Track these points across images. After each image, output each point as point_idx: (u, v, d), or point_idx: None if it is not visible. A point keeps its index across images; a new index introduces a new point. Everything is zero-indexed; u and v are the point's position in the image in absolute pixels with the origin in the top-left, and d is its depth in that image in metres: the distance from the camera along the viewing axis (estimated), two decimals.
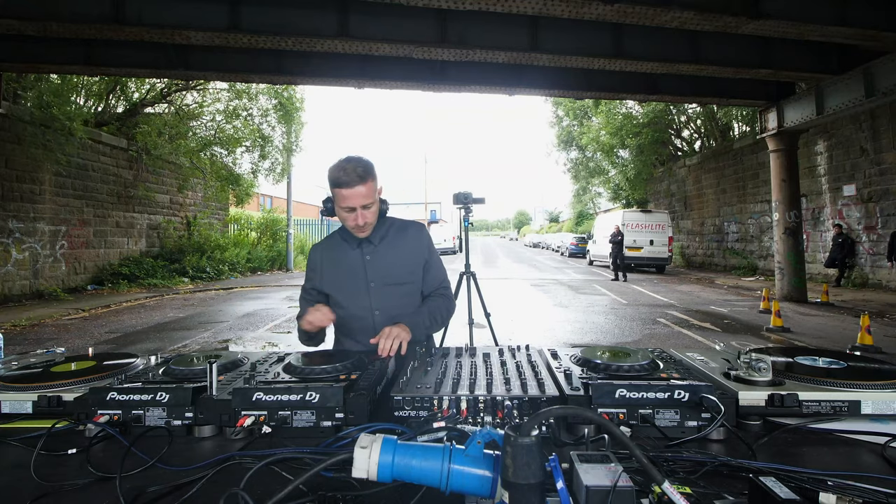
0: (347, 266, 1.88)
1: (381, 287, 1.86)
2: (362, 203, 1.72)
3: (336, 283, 1.90)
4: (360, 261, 1.87)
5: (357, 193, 1.70)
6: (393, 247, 1.89)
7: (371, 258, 1.87)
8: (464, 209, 4.69)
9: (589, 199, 36.12)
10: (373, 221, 1.81)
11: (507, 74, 9.77)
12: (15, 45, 8.49)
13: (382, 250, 1.88)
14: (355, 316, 1.87)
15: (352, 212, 1.74)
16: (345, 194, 1.70)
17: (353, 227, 1.80)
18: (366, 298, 1.86)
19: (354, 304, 1.87)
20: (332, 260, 1.92)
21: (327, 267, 1.92)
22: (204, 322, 8.95)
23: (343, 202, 1.72)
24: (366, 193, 1.71)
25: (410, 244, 1.91)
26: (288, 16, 7.48)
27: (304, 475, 0.76)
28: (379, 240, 1.88)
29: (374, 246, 1.87)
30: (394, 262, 1.88)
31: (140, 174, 14.84)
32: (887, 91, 8.51)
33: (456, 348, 1.57)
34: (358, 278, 1.87)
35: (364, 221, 1.75)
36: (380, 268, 1.86)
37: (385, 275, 1.86)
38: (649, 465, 0.67)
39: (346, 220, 1.78)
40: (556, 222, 71.89)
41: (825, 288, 10.93)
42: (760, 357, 1.23)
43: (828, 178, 13.86)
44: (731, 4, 6.82)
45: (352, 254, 1.89)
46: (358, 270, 1.87)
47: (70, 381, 1.31)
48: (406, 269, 1.89)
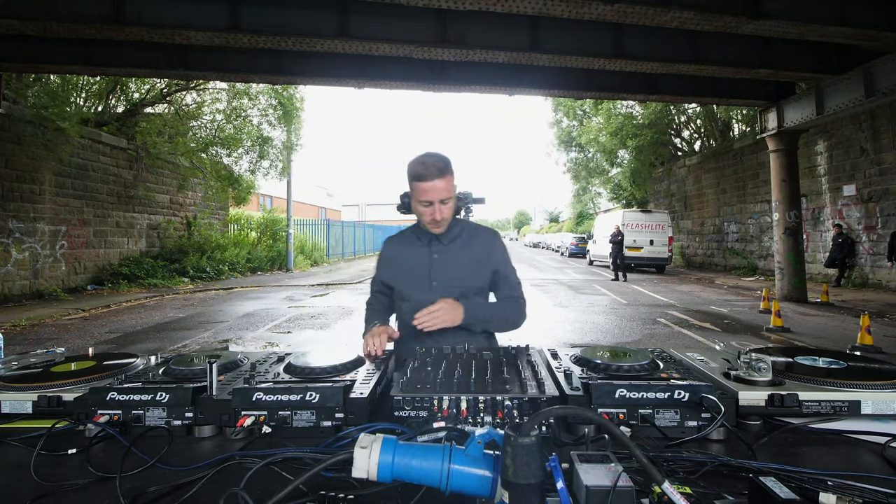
0: (414, 262, 1.89)
1: (444, 288, 1.83)
2: (440, 197, 1.72)
3: (401, 277, 1.92)
4: (427, 259, 1.87)
5: (436, 187, 1.70)
6: (462, 249, 1.87)
7: (438, 257, 1.86)
8: (464, 209, 4.70)
9: (589, 199, 36.12)
10: (449, 217, 1.80)
11: (507, 74, 9.77)
12: (15, 45, 8.49)
13: (452, 251, 1.87)
14: (415, 312, 1.84)
15: (429, 206, 1.74)
16: (424, 188, 1.71)
17: (429, 222, 1.79)
18: (427, 295, 1.83)
19: (416, 299, 1.86)
20: (402, 254, 1.93)
21: (396, 261, 1.94)
22: (204, 322, 8.95)
23: (422, 196, 1.73)
24: (444, 188, 1.72)
25: (480, 249, 1.89)
26: (288, 16, 7.48)
27: (304, 475, 0.76)
28: (449, 240, 1.87)
29: (443, 245, 1.87)
30: (460, 265, 1.86)
31: (140, 174, 14.83)
32: (887, 91, 8.51)
33: (456, 348, 1.57)
34: (422, 276, 1.87)
35: (441, 216, 1.75)
36: (445, 268, 1.85)
37: (450, 276, 1.85)
38: (649, 465, 0.67)
39: (424, 214, 1.78)
40: (556, 222, 71.87)
41: (825, 288, 10.93)
42: (760, 357, 1.23)
43: (828, 178, 13.86)
44: (731, 4, 6.82)
45: (421, 250, 1.89)
46: (423, 268, 1.87)
47: (70, 381, 1.31)
48: (471, 274, 1.86)
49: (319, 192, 50.52)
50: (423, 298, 1.84)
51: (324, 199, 51.68)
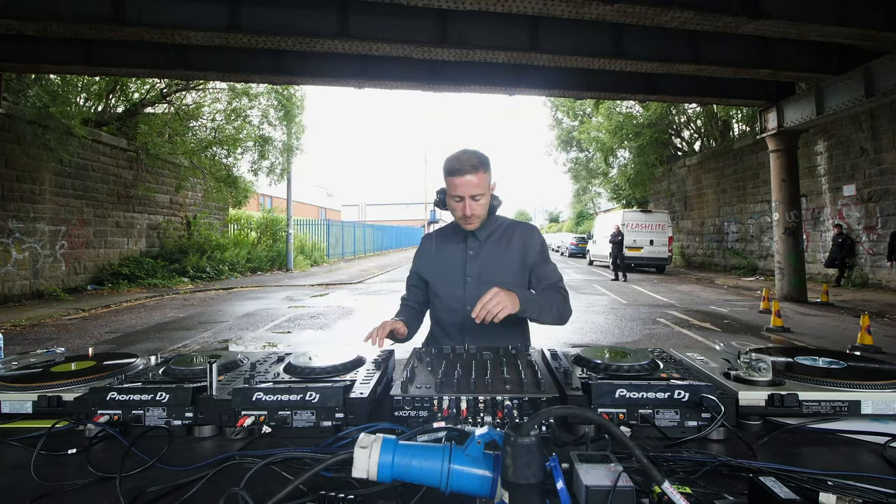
0: (449, 257, 1.90)
1: (478, 283, 1.82)
2: (472, 193, 1.71)
3: (436, 271, 1.92)
4: (462, 254, 1.88)
5: (468, 182, 1.70)
6: (498, 245, 1.87)
7: (474, 253, 1.86)
8: None
9: (589, 199, 36.16)
10: (481, 214, 1.79)
11: (507, 74, 9.77)
12: (15, 45, 8.49)
13: (487, 247, 1.86)
14: (448, 307, 1.88)
15: (461, 201, 1.73)
16: (456, 182, 1.71)
17: (460, 218, 1.79)
18: (461, 291, 1.84)
19: (449, 294, 1.87)
20: (439, 249, 1.94)
21: (432, 255, 1.95)
22: (204, 322, 8.95)
23: (454, 190, 1.72)
24: (476, 184, 1.71)
25: (517, 244, 1.87)
26: (288, 16, 7.48)
27: (304, 475, 0.76)
28: (486, 236, 1.87)
29: (479, 242, 1.87)
30: (495, 260, 1.85)
31: (140, 174, 14.84)
32: (887, 91, 8.51)
33: (456, 348, 1.57)
34: (456, 270, 1.87)
35: (471, 212, 1.74)
36: (480, 264, 1.85)
37: (484, 271, 1.84)
38: (649, 465, 0.67)
39: (455, 209, 1.77)
40: (556, 222, 71.87)
41: (825, 288, 10.93)
42: (760, 357, 1.23)
43: (828, 178, 13.86)
44: (731, 4, 6.82)
45: (456, 246, 1.90)
46: (458, 263, 1.88)
47: (70, 381, 1.31)
48: (506, 269, 1.85)
49: (319, 192, 50.52)
50: (457, 294, 1.85)
51: (324, 199, 51.68)
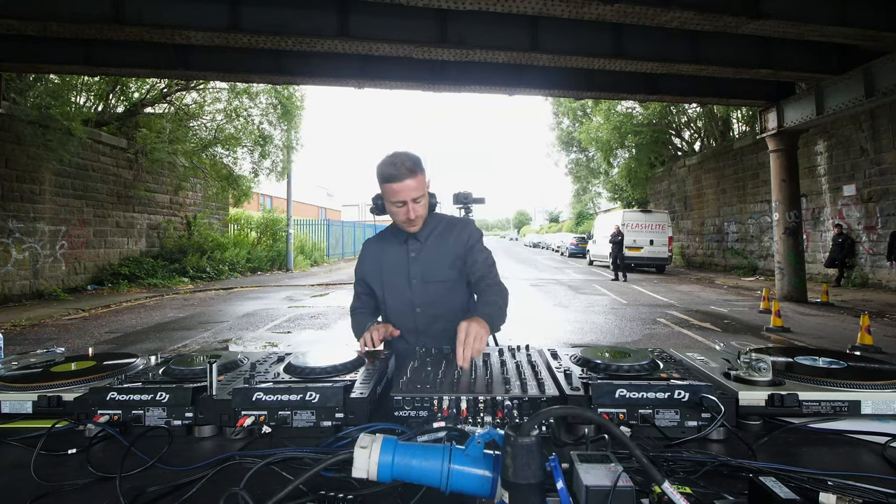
0: (392, 262, 1.89)
1: (423, 284, 1.84)
2: (412, 196, 1.71)
3: (380, 277, 1.91)
4: (404, 257, 1.87)
5: (407, 187, 1.69)
6: (438, 244, 1.87)
7: (415, 255, 1.86)
8: (464, 209, 4.69)
9: (589, 199, 36.16)
10: (423, 214, 1.79)
11: (507, 74, 9.76)
12: (15, 45, 8.49)
13: (428, 247, 1.87)
14: (398, 311, 1.88)
15: (402, 206, 1.73)
16: (395, 188, 1.69)
17: (403, 222, 1.78)
18: (407, 295, 1.85)
19: (397, 299, 1.88)
20: (380, 255, 1.93)
21: (374, 261, 1.93)
22: (204, 322, 8.95)
23: (393, 196, 1.71)
24: (415, 187, 1.70)
25: (454, 241, 1.88)
26: (288, 16, 7.48)
27: (304, 475, 0.76)
28: (426, 237, 1.87)
29: (420, 243, 1.86)
30: (437, 260, 1.86)
31: (140, 174, 14.84)
32: (887, 91, 8.51)
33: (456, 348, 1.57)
34: (400, 274, 1.87)
35: (415, 215, 1.75)
36: (423, 265, 1.85)
37: (427, 272, 1.85)
38: (649, 465, 0.67)
39: (398, 214, 1.77)
40: (556, 222, 71.85)
41: (825, 288, 10.93)
42: (760, 357, 1.23)
43: (828, 178, 13.86)
44: (731, 4, 6.82)
45: (398, 249, 1.89)
46: (401, 267, 1.87)
47: (70, 381, 1.31)
48: (447, 266, 1.86)
49: (319, 192, 50.52)
50: (404, 298, 1.86)
51: (324, 199, 51.68)
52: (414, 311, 1.85)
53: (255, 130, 16.77)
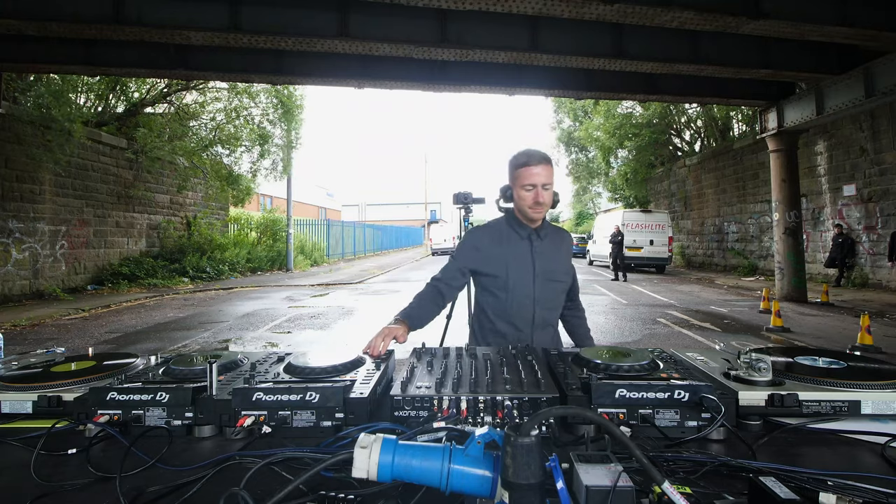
0: (517, 253, 1.95)
1: (544, 280, 1.95)
2: (542, 182, 1.83)
3: (504, 267, 1.95)
4: (529, 251, 1.95)
5: (539, 173, 1.83)
6: (554, 246, 2.00)
7: (539, 251, 1.96)
8: (464, 209, 4.69)
9: (589, 199, 36.18)
10: (549, 203, 1.88)
11: (507, 74, 9.77)
12: (15, 45, 8.49)
13: (547, 246, 1.98)
14: (518, 303, 1.95)
15: (532, 189, 1.84)
16: (531, 171, 1.84)
17: (531, 206, 1.86)
18: (530, 288, 1.94)
19: (520, 291, 1.94)
20: (500, 244, 1.97)
21: (494, 250, 1.96)
22: (204, 322, 8.95)
23: (526, 180, 1.84)
24: (546, 174, 1.85)
25: (565, 248, 2.07)
26: (288, 16, 7.48)
27: (304, 475, 0.76)
28: (545, 235, 1.98)
29: (541, 241, 1.96)
30: (555, 260, 1.99)
31: (140, 174, 14.84)
32: (887, 91, 8.51)
33: (456, 348, 1.57)
34: (526, 267, 1.94)
35: (543, 199, 1.84)
36: (545, 262, 1.96)
37: (549, 269, 1.96)
38: (649, 465, 0.67)
39: (526, 199, 1.86)
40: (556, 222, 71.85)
41: (825, 288, 10.93)
42: (760, 357, 1.23)
43: (828, 178, 13.86)
44: (731, 4, 6.82)
45: (521, 243, 1.96)
46: (527, 260, 1.95)
47: (70, 381, 1.31)
48: (562, 269, 2.03)
49: (319, 192, 50.51)
50: (527, 291, 1.94)
51: (324, 199, 51.67)
52: (534, 303, 1.94)
53: (255, 130, 16.78)
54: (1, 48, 8.53)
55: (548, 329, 2.00)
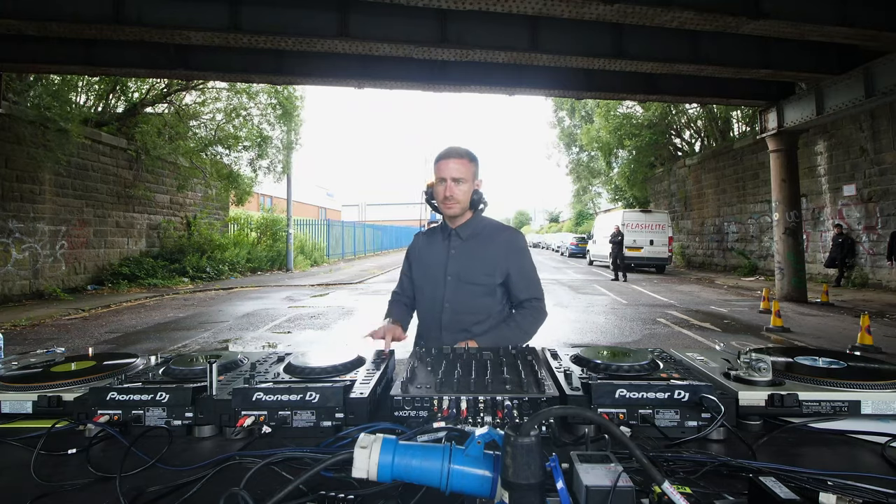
0: (434, 254, 1.95)
1: (457, 282, 1.87)
2: (453, 175, 1.81)
3: (420, 270, 1.98)
4: (444, 253, 1.92)
5: (451, 165, 1.81)
6: (480, 246, 1.90)
7: (455, 252, 1.90)
8: None
9: (589, 199, 36.18)
10: (461, 199, 1.84)
11: (507, 74, 9.76)
12: (15, 45, 8.49)
13: (469, 247, 1.90)
14: (428, 306, 1.93)
15: (442, 183, 1.82)
16: (440, 165, 1.82)
17: (441, 201, 1.85)
18: (440, 290, 1.89)
19: (430, 293, 1.93)
20: (425, 247, 2.00)
21: (422, 252, 2.00)
22: (204, 322, 8.95)
23: (438, 173, 1.83)
24: (458, 168, 1.81)
25: (497, 248, 1.91)
26: (288, 16, 7.48)
27: (304, 475, 0.76)
28: (469, 236, 1.91)
29: (461, 240, 1.91)
30: (475, 261, 1.89)
31: (140, 174, 14.83)
32: (887, 91, 8.51)
33: (456, 348, 1.57)
34: (438, 269, 1.91)
35: (451, 193, 1.81)
36: (460, 263, 1.89)
37: (463, 271, 1.88)
38: (649, 465, 0.67)
39: (439, 193, 1.85)
40: (556, 222, 71.86)
41: (825, 288, 10.93)
42: (760, 357, 1.23)
43: (828, 178, 13.86)
44: (731, 4, 6.82)
45: (441, 244, 1.94)
46: (440, 261, 1.92)
47: (70, 381, 1.31)
48: (484, 271, 1.88)
49: (319, 192, 50.52)
50: (437, 294, 1.89)
51: (324, 199, 51.68)
52: (443, 306, 1.88)
53: (254, 130, 16.78)
54: (1, 48, 8.53)
55: (463, 335, 1.81)
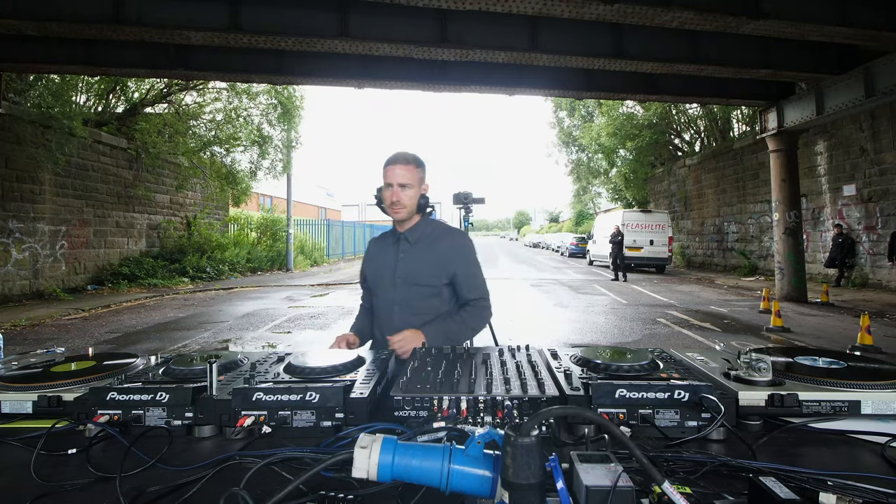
0: (384, 258, 2.02)
1: (405, 284, 1.94)
2: (399, 181, 1.86)
3: (373, 275, 2.06)
4: (394, 256, 1.98)
5: (398, 172, 1.86)
6: (427, 249, 1.96)
7: (404, 255, 1.96)
8: (464, 209, 4.69)
9: (589, 199, 36.17)
10: (407, 204, 1.90)
11: (507, 74, 9.76)
12: (15, 45, 8.49)
13: (417, 250, 1.96)
14: (380, 307, 2.01)
15: (389, 188, 1.88)
16: (387, 171, 1.88)
17: (388, 206, 1.91)
18: (391, 293, 1.96)
19: (382, 296, 2.00)
20: (377, 252, 2.08)
21: (375, 257, 2.08)
22: (204, 322, 8.95)
23: (385, 178, 1.89)
24: (405, 174, 1.87)
25: (444, 250, 1.96)
26: (288, 16, 7.48)
27: (304, 475, 0.76)
28: (416, 239, 1.97)
29: (409, 244, 1.97)
30: (422, 264, 1.95)
31: (140, 174, 14.84)
32: (887, 91, 8.51)
33: (456, 349, 1.57)
34: (388, 272, 1.98)
35: (397, 199, 1.87)
36: (408, 266, 1.95)
37: (410, 273, 1.94)
38: (649, 465, 0.67)
39: (386, 198, 1.91)
40: (556, 222, 71.88)
41: (825, 288, 10.93)
42: (760, 357, 1.23)
43: (828, 178, 13.86)
44: (731, 4, 6.82)
45: (390, 249, 2.01)
46: (390, 264, 1.98)
47: (70, 381, 1.31)
48: (431, 273, 1.94)
49: (319, 192, 50.51)
50: (388, 296, 1.96)
51: (324, 199, 51.68)
52: (393, 308, 1.95)
53: (254, 130, 16.78)
54: (1, 48, 8.53)
55: None
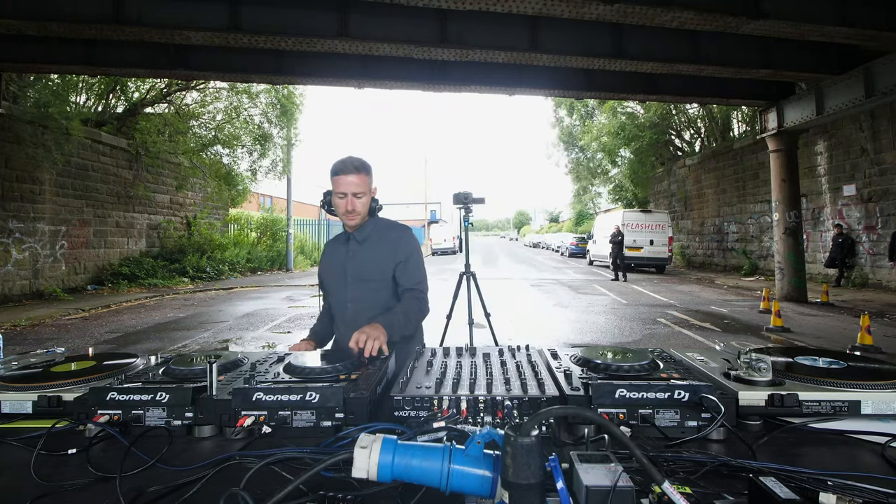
0: (336, 258, 2.09)
1: (356, 281, 2.02)
2: (353, 191, 1.92)
3: (327, 276, 2.13)
4: (344, 256, 2.05)
5: (350, 181, 1.91)
6: (374, 246, 2.04)
7: (353, 254, 2.04)
8: (464, 209, 4.69)
9: (589, 199, 36.16)
10: (361, 211, 1.97)
11: (507, 74, 9.76)
12: (15, 45, 8.49)
13: (365, 248, 2.04)
14: (336, 306, 2.09)
15: (344, 198, 1.93)
16: (339, 181, 1.92)
17: (343, 214, 1.96)
18: (343, 291, 2.04)
19: (336, 295, 2.09)
20: (331, 255, 2.14)
21: (328, 259, 2.15)
22: (204, 322, 8.95)
23: (337, 188, 1.93)
24: (358, 183, 1.92)
25: (389, 245, 2.04)
26: (288, 16, 7.48)
27: (304, 475, 0.76)
28: (363, 238, 2.04)
29: (358, 244, 2.04)
30: (370, 260, 2.02)
31: (140, 174, 14.84)
32: (887, 91, 8.51)
33: (456, 348, 1.57)
34: (339, 271, 2.06)
35: (352, 207, 1.93)
36: (357, 264, 2.03)
37: (360, 270, 2.02)
38: (649, 465, 0.67)
39: (339, 206, 1.95)
40: (556, 222, 71.87)
41: (825, 288, 10.93)
42: (760, 357, 1.23)
43: (828, 178, 13.85)
44: (731, 4, 6.82)
45: (341, 248, 2.09)
46: (341, 264, 2.06)
47: (70, 381, 1.31)
48: (378, 268, 2.02)
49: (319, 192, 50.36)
50: (341, 295, 2.04)
51: None
52: (346, 305, 2.03)
53: (254, 130, 16.78)
54: (1, 48, 8.53)
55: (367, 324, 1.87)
